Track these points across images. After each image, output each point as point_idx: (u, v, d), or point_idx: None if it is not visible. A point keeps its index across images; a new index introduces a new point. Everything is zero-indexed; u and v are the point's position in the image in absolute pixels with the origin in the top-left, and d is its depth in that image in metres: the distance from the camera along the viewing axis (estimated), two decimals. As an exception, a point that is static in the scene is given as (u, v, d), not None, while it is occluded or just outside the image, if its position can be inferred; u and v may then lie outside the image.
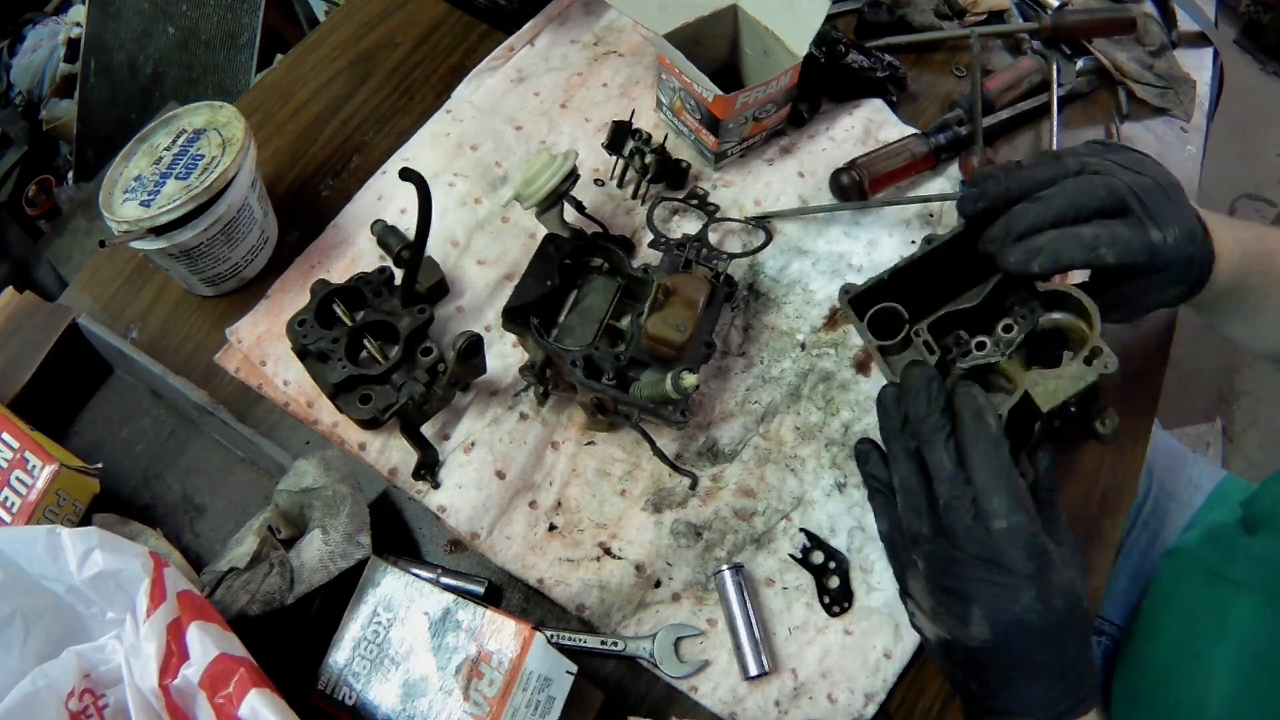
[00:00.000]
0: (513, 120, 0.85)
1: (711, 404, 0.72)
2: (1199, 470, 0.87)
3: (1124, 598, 0.81)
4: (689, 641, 0.63)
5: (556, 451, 0.69)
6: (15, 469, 0.60)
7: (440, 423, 0.69)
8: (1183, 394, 1.91)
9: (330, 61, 0.89)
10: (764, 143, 0.85)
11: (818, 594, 0.65)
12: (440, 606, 0.56)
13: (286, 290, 0.74)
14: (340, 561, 0.57)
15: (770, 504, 0.68)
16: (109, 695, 0.49)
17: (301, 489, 0.59)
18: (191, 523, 0.67)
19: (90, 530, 0.51)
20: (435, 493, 0.67)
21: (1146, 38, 0.96)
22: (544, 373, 0.68)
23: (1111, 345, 0.53)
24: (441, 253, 0.76)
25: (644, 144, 0.78)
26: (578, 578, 0.65)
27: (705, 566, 0.66)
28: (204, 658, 0.47)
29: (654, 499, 0.68)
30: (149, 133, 0.70)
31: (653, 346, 0.64)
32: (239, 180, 0.68)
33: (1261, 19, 2.42)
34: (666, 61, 0.77)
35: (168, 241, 0.66)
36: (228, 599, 0.54)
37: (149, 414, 0.71)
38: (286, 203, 0.80)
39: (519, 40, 0.90)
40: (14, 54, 1.97)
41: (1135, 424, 0.75)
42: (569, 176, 0.70)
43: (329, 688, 0.55)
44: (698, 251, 0.73)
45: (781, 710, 0.62)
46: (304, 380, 0.69)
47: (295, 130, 0.84)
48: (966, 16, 0.95)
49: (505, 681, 0.54)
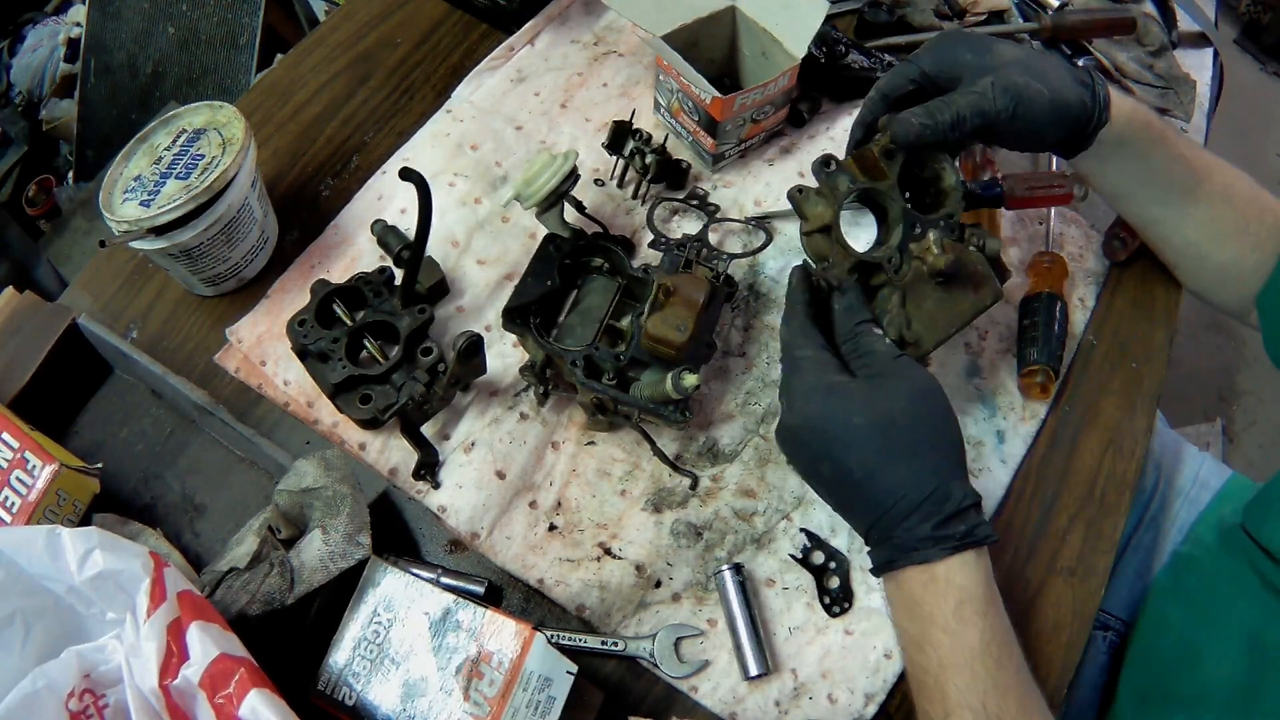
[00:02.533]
0: (513, 120, 0.85)
1: (712, 404, 0.72)
2: (1206, 468, 0.88)
3: (1130, 594, 0.81)
4: (689, 641, 0.63)
5: (557, 451, 0.69)
6: (15, 469, 0.60)
7: (440, 423, 0.69)
8: (1183, 394, 1.91)
9: (330, 61, 0.89)
10: (764, 143, 0.85)
11: (818, 594, 0.65)
12: (440, 606, 0.56)
13: (286, 290, 0.74)
14: (340, 561, 0.57)
15: (770, 504, 0.68)
16: (109, 695, 0.49)
17: (301, 489, 0.59)
18: (191, 523, 0.67)
19: (90, 530, 0.51)
20: (435, 493, 0.67)
21: (1146, 38, 0.96)
22: (544, 373, 0.68)
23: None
24: (442, 253, 0.76)
25: (644, 144, 0.78)
26: (578, 578, 0.65)
27: (705, 566, 0.66)
28: (204, 658, 0.47)
29: (654, 499, 0.68)
30: (149, 133, 0.70)
31: (653, 346, 0.64)
32: (239, 180, 0.68)
33: (1261, 19, 2.42)
34: (664, 63, 0.77)
35: (168, 241, 0.66)
36: (228, 599, 0.54)
37: (149, 414, 0.71)
38: (286, 203, 0.80)
39: (519, 40, 0.90)
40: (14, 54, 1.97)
41: (1136, 423, 0.75)
42: (569, 176, 0.70)
43: (329, 688, 0.55)
44: (698, 251, 0.73)
45: (781, 710, 0.62)
46: (304, 380, 0.69)
47: (295, 130, 0.84)
48: (966, 16, 0.95)
49: (505, 682, 0.54)
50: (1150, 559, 0.83)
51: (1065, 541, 0.70)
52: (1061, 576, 0.68)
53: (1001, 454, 0.72)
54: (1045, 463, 0.73)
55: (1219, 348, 1.96)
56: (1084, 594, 0.68)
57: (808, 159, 0.83)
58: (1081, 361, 0.77)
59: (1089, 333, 0.79)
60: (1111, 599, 0.81)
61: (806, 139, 0.85)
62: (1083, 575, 0.68)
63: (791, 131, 0.86)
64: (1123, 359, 0.78)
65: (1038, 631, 0.66)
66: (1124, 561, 0.82)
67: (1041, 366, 0.72)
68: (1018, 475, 0.72)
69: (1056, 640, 0.66)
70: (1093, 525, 0.70)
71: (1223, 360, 1.96)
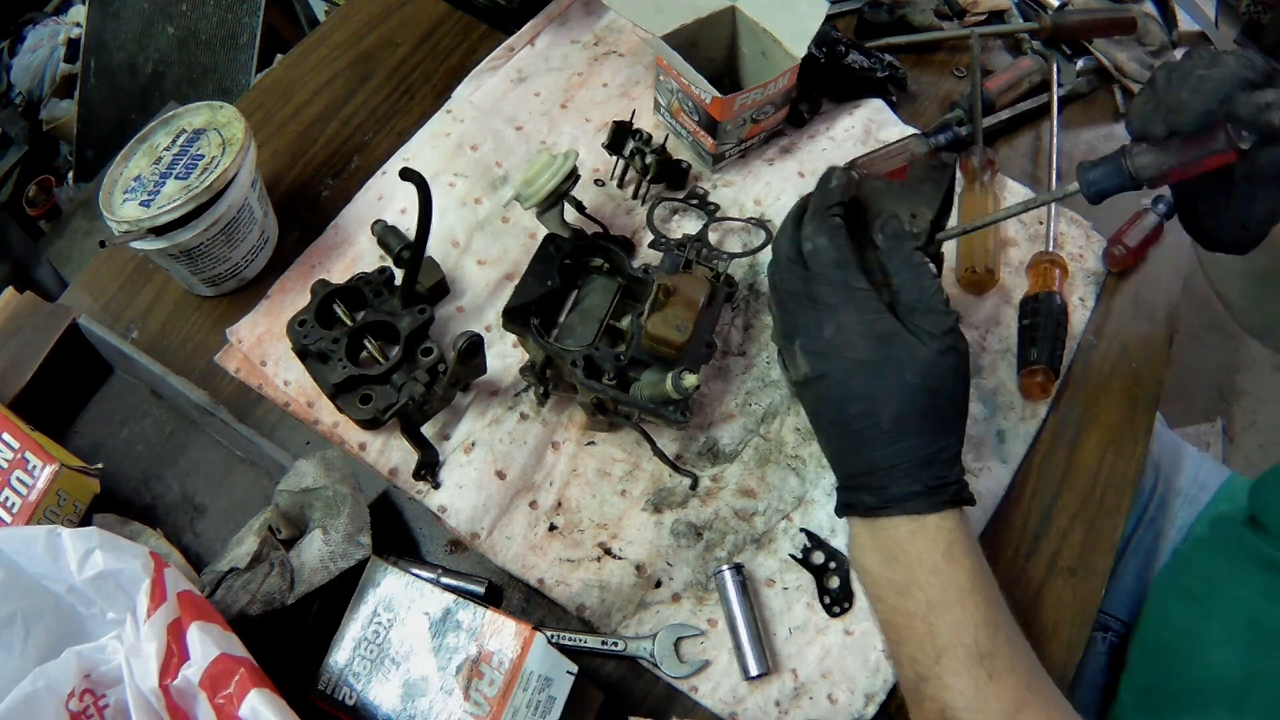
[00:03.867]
0: (513, 120, 0.85)
1: (712, 404, 0.72)
2: (1206, 469, 0.88)
3: (1130, 595, 0.81)
4: (689, 641, 0.63)
5: (557, 452, 0.69)
6: (16, 469, 0.60)
7: (440, 423, 0.69)
8: (1183, 394, 1.91)
9: (330, 61, 0.89)
10: (764, 143, 0.85)
11: (818, 594, 0.65)
12: (440, 607, 0.56)
13: (287, 290, 0.74)
14: (340, 562, 0.57)
15: (771, 504, 0.68)
16: (109, 695, 0.49)
17: (302, 489, 0.59)
18: (192, 523, 0.67)
19: (90, 530, 0.51)
20: (435, 493, 0.67)
21: (1147, 38, 0.96)
22: (544, 373, 0.68)
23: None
24: (442, 253, 0.76)
25: (644, 144, 0.78)
26: (578, 578, 0.65)
27: (705, 566, 0.66)
28: (204, 658, 0.47)
29: (654, 499, 0.68)
30: (149, 133, 0.70)
31: (653, 346, 0.64)
32: (239, 180, 0.68)
33: (1261, 19, 2.42)
34: (664, 63, 0.77)
35: (168, 241, 0.66)
36: (228, 599, 0.54)
37: (149, 414, 0.71)
38: (286, 203, 0.80)
39: (519, 40, 0.90)
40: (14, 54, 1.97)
41: (1136, 423, 0.75)
42: (569, 177, 0.70)
43: (329, 688, 0.55)
44: (698, 251, 0.73)
45: (782, 710, 0.62)
46: (304, 380, 0.69)
47: (295, 130, 0.84)
48: (966, 17, 0.95)
49: (506, 681, 0.54)
50: (1150, 560, 0.83)
51: (1065, 541, 0.70)
52: (1061, 576, 0.68)
53: (1002, 454, 0.72)
54: (1045, 463, 0.73)
55: (1219, 348, 1.96)
56: (1084, 594, 0.68)
57: (808, 159, 0.83)
58: (1081, 361, 0.77)
59: (1089, 333, 0.79)
60: (1111, 600, 0.81)
61: (806, 139, 0.85)
62: (1083, 575, 0.68)
63: (791, 131, 0.86)
64: (1123, 359, 0.78)
65: (1038, 631, 0.66)
66: (1124, 563, 0.82)
67: (1042, 366, 0.72)
68: (1018, 475, 0.72)
69: (1056, 640, 0.66)
70: (1093, 525, 0.70)
71: (1223, 360, 1.96)
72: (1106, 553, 0.69)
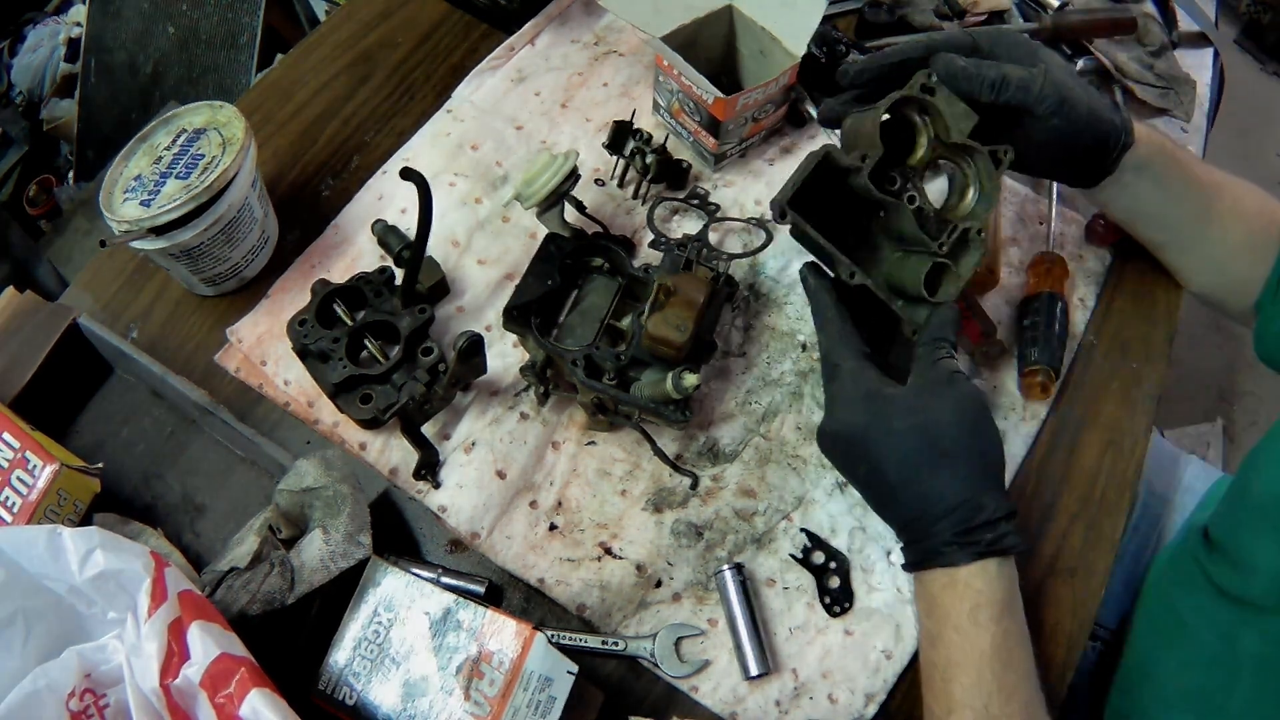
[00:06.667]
0: (513, 120, 0.85)
1: (712, 404, 0.72)
2: (1191, 473, 0.87)
3: (1117, 603, 0.81)
4: (689, 641, 0.63)
5: (557, 451, 0.69)
6: (16, 469, 0.60)
7: (441, 423, 0.69)
8: (1183, 394, 1.90)
9: (330, 61, 0.89)
10: (764, 142, 0.85)
11: (818, 594, 0.65)
12: (441, 606, 0.56)
13: (287, 290, 0.74)
14: (341, 561, 0.57)
15: (771, 504, 0.68)
16: (110, 695, 0.49)
17: (302, 489, 0.60)
18: (192, 522, 0.67)
19: (91, 530, 0.51)
20: (436, 493, 0.67)
21: (1147, 38, 0.96)
22: (544, 373, 0.68)
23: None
24: (442, 252, 0.76)
25: (645, 144, 0.78)
26: (578, 577, 0.65)
27: (706, 566, 0.66)
28: (205, 657, 0.47)
29: (655, 499, 0.68)
30: (149, 132, 0.70)
31: (653, 346, 0.64)
32: (239, 180, 0.68)
33: (1261, 19, 2.42)
34: (665, 64, 0.77)
35: (168, 241, 0.66)
36: (228, 599, 0.54)
37: (149, 414, 0.71)
38: (287, 203, 0.80)
39: (519, 40, 0.90)
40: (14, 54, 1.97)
41: (1136, 423, 0.75)
42: (569, 176, 0.70)
43: (329, 688, 0.55)
44: (698, 251, 0.73)
45: (782, 710, 0.62)
46: (304, 380, 0.69)
47: (296, 130, 0.84)
48: (967, 17, 0.95)
49: (506, 681, 0.54)
50: (1136, 568, 0.82)
51: (1065, 541, 0.70)
52: (1061, 576, 0.68)
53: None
54: (1045, 463, 0.73)
55: (1219, 348, 1.96)
56: (1084, 594, 0.68)
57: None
58: (1082, 361, 0.77)
59: (1089, 333, 0.79)
60: (1100, 608, 0.80)
61: (806, 139, 0.85)
62: (1083, 575, 0.68)
63: (791, 131, 0.86)
64: (1123, 359, 0.78)
65: (1038, 632, 0.66)
66: (1111, 572, 0.81)
67: (1042, 366, 0.72)
68: (1018, 475, 0.72)
69: (1056, 640, 0.66)
70: (1093, 525, 0.70)
71: (1223, 360, 1.96)
72: (1106, 553, 0.69)
